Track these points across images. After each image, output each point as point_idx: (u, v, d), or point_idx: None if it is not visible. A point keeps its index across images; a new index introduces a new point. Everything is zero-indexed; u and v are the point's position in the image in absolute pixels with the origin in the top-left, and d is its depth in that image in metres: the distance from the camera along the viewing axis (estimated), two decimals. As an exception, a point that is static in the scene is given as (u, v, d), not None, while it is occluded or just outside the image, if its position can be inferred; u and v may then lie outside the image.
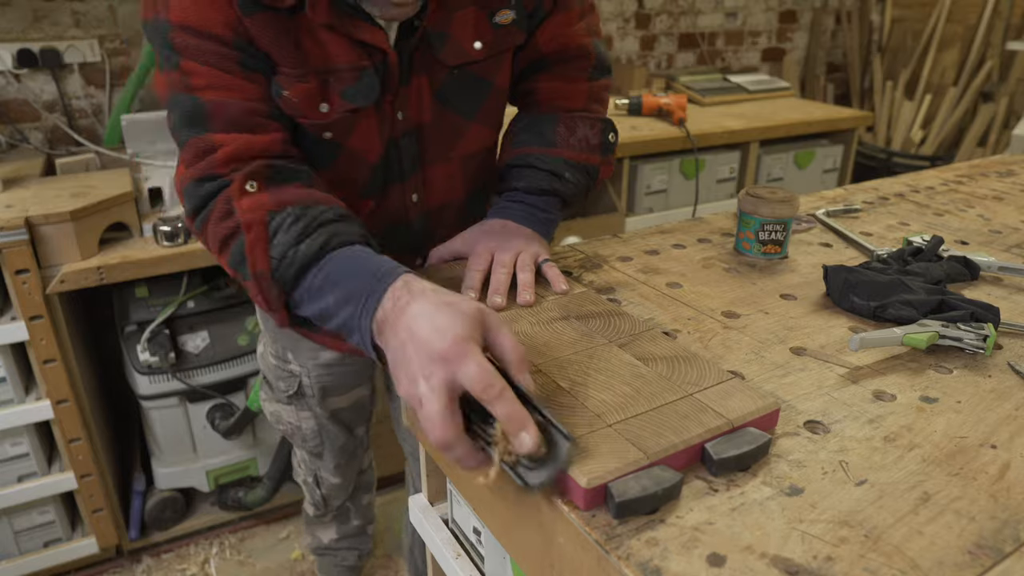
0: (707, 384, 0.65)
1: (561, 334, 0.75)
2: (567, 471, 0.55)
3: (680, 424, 0.60)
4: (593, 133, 1.03)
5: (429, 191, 1.02)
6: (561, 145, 1.01)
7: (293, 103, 0.84)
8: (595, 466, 0.54)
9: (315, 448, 1.37)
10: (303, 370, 1.23)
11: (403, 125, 0.94)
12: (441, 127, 0.98)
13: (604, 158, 1.05)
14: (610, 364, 0.69)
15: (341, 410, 1.33)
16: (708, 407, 0.62)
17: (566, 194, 1.01)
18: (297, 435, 1.34)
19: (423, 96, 0.94)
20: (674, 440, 0.58)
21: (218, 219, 0.79)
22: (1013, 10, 3.11)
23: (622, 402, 0.63)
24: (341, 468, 1.43)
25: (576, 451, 0.56)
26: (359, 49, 0.85)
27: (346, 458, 1.41)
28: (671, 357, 0.70)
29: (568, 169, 1.00)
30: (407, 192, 1.00)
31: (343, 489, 1.49)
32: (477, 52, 0.94)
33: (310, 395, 1.26)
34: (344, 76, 0.86)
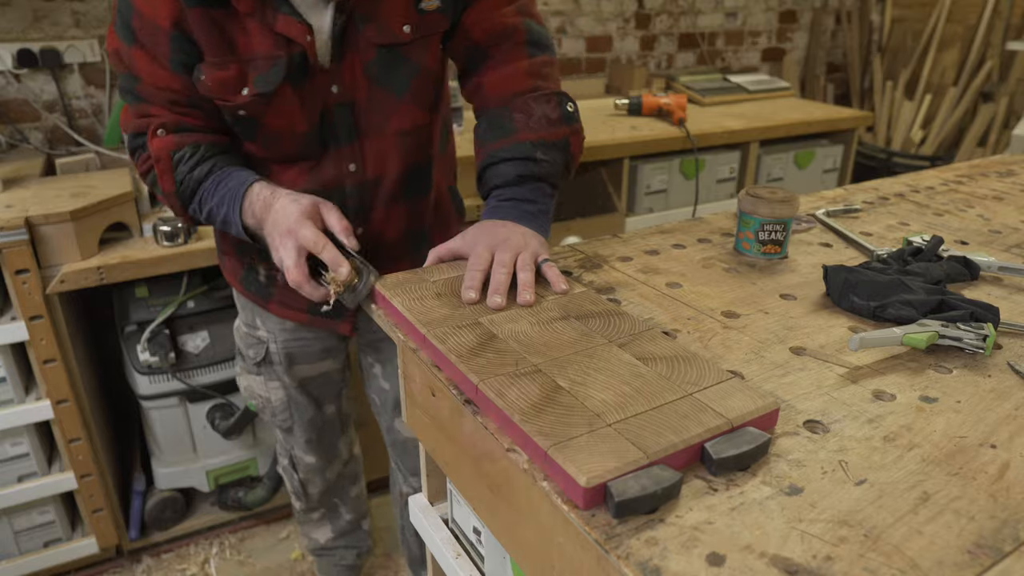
0: (707, 384, 0.65)
1: (561, 334, 0.75)
2: (370, 291, 0.87)
3: (680, 424, 0.60)
4: (551, 108, 1.05)
5: (366, 162, 1.10)
6: (523, 130, 1.03)
7: (208, 87, 0.98)
8: (594, 465, 0.54)
9: (284, 422, 1.42)
10: (270, 336, 1.32)
11: (337, 97, 1.04)
12: (373, 103, 1.06)
13: (571, 128, 1.06)
14: (610, 364, 0.69)
15: (308, 380, 1.38)
16: (708, 407, 0.62)
17: (543, 175, 1.02)
18: (267, 408, 1.41)
19: (356, 73, 1.03)
20: (674, 440, 0.58)
21: (142, 160, 1.06)
22: (1013, 10, 3.11)
23: (622, 402, 0.63)
24: (313, 444, 1.46)
25: (378, 278, 0.88)
26: (278, 40, 0.97)
27: (316, 433, 1.45)
28: (671, 357, 0.70)
29: (537, 149, 1.02)
30: (344, 160, 1.09)
31: (319, 472, 1.51)
32: (405, 35, 1.02)
33: (277, 362, 1.34)
34: (259, 64, 0.98)
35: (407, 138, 1.12)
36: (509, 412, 0.62)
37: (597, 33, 2.79)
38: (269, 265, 1.21)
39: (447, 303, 0.81)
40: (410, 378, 0.85)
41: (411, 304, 0.81)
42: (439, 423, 0.79)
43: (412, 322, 0.78)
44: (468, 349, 0.71)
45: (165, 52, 0.97)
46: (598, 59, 2.83)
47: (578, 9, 2.72)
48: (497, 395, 0.64)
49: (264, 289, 1.26)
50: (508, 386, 0.65)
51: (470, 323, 0.77)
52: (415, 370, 0.82)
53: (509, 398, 0.63)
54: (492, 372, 0.68)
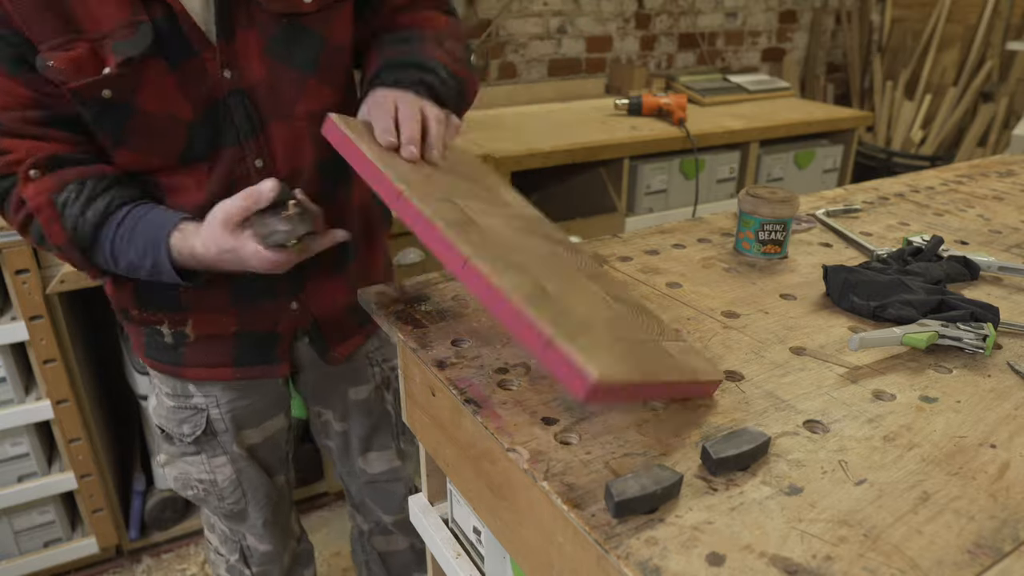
0: (667, 339, 0.66)
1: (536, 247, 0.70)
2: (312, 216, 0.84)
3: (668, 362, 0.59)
4: (459, 48, 1.01)
5: (275, 155, 0.96)
6: (433, 49, 0.97)
7: (60, 71, 0.82)
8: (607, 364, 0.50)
9: (235, 505, 1.20)
10: (210, 400, 1.12)
11: (230, 83, 0.90)
12: (277, 84, 0.93)
13: (471, 74, 1.02)
14: (585, 291, 0.65)
15: (256, 447, 1.19)
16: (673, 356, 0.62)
17: (441, 92, 0.94)
18: (213, 494, 1.18)
19: (251, 51, 0.90)
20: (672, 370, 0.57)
21: (14, 210, 0.90)
22: (1013, 10, 3.11)
23: (606, 325, 0.60)
24: (269, 526, 1.25)
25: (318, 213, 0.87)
26: (131, 4, 0.83)
27: (272, 511, 1.24)
28: (633, 304, 0.70)
29: (443, 69, 0.95)
30: (247, 157, 0.95)
31: (276, 559, 1.29)
32: (307, 4, 0.91)
33: (222, 431, 1.14)
34: (119, 35, 0.83)
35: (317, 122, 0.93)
36: (507, 293, 0.55)
37: (597, 33, 2.80)
38: (174, 320, 1.04)
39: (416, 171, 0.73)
40: (410, 378, 0.85)
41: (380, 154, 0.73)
42: (439, 423, 0.79)
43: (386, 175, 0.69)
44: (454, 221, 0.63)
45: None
46: (598, 59, 2.84)
47: (578, 9, 2.72)
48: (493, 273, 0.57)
49: (173, 352, 1.07)
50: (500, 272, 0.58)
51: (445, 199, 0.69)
52: (415, 370, 0.82)
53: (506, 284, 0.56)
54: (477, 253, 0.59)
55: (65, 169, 0.88)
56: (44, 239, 0.90)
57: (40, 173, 0.86)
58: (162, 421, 1.15)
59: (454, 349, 0.76)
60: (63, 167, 0.88)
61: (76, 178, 0.88)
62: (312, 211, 0.88)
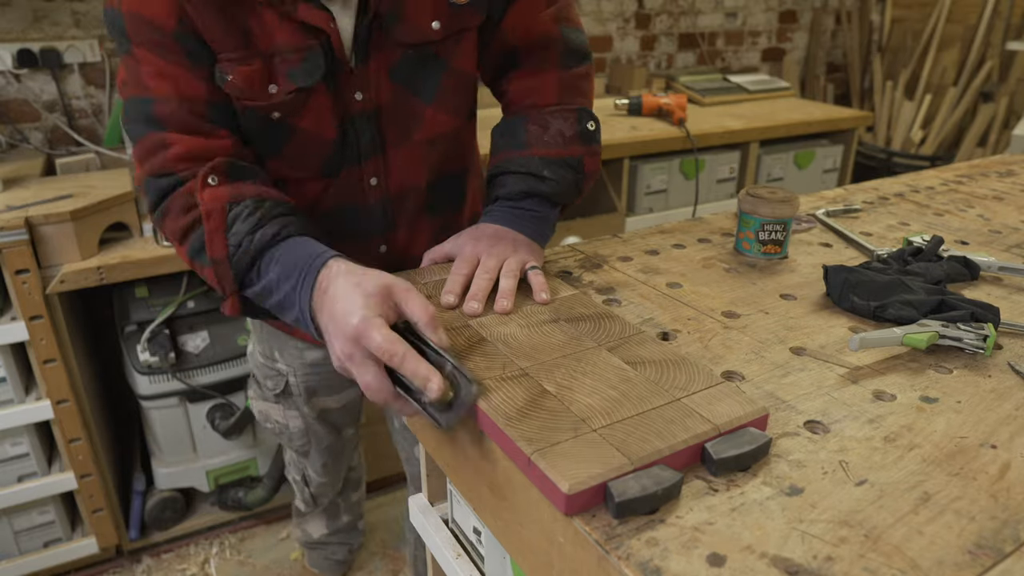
0: (696, 388, 0.65)
1: (550, 337, 0.75)
2: (471, 408, 0.64)
3: (666, 429, 0.59)
4: (567, 125, 1.00)
5: (390, 175, 1.01)
6: (535, 144, 0.98)
7: (238, 86, 0.86)
8: (578, 471, 0.54)
9: (302, 447, 1.37)
10: (290, 369, 1.23)
11: (360, 106, 0.94)
12: (399, 109, 0.97)
13: (587, 148, 1.00)
14: (598, 368, 0.69)
15: (330, 411, 1.33)
16: (695, 412, 0.62)
17: (549, 193, 0.97)
18: (284, 434, 1.35)
19: (381, 76, 0.93)
20: (659, 445, 0.57)
21: (179, 213, 0.85)
22: (1013, 10, 3.11)
23: (608, 407, 0.62)
24: (328, 467, 1.44)
25: (481, 392, 0.65)
26: (303, 30, 0.86)
27: (333, 458, 1.43)
28: (660, 361, 0.70)
29: (546, 167, 0.97)
30: (365, 175, 0.99)
31: (331, 487, 1.51)
32: (435, 32, 0.93)
33: (297, 394, 1.27)
34: (290, 57, 0.87)
35: (435, 146, 1.03)
36: (493, 417, 0.62)
37: (597, 33, 2.79)
38: None
39: (437, 305, 0.81)
40: (410, 378, 0.85)
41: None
42: (439, 423, 0.79)
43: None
44: (455, 352, 0.71)
45: (175, 50, 0.84)
46: (598, 59, 2.83)
47: (578, 9, 2.72)
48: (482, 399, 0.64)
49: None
50: (494, 390, 0.65)
51: (459, 325, 0.77)
52: (415, 370, 0.82)
53: (494, 402, 0.63)
54: (479, 376, 0.67)
55: (245, 183, 0.86)
56: (202, 250, 0.84)
57: (219, 180, 0.84)
58: (255, 370, 1.30)
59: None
60: (243, 179, 0.86)
61: (255, 196, 0.85)
62: (466, 388, 0.65)
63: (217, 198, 0.83)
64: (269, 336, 1.23)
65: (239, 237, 0.82)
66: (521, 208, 0.97)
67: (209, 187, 0.83)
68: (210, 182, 0.84)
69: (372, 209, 1.03)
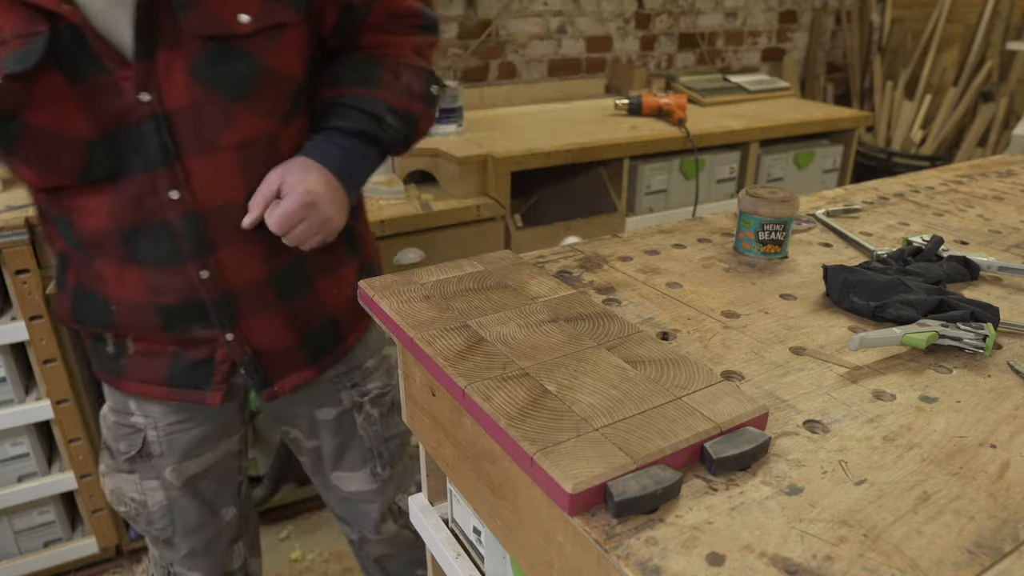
0: (696, 387, 0.65)
1: (550, 336, 0.75)
2: None
3: (668, 428, 0.59)
4: (417, 82, 1.02)
5: (193, 187, 0.91)
6: (384, 89, 0.98)
7: None
8: (580, 471, 0.54)
9: (163, 531, 1.15)
10: (148, 421, 1.09)
11: (148, 107, 0.85)
12: (202, 110, 0.88)
13: (426, 109, 1.04)
14: (598, 367, 0.69)
15: (199, 478, 1.14)
16: (696, 410, 0.62)
17: (386, 140, 1.00)
18: (142, 515, 1.14)
19: (174, 73, 0.85)
20: (661, 444, 0.57)
21: None
22: (1013, 10, 3.12)
23: (609, 406, 0.62)
24: (198, 557, 1.20)
25: None
26: (30, 14, 0.78)
27: (203, 544, 1.19)
28: (660, 360, 0.70)
29: (389, 114, 0.98)
30: (160, 187, 0.90)
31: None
32: (242, 26, 0.87)
33: (158, 454, 1.10)
34: (11, 44, 0.78)
35: (250, 153, 0.93)
36: (495, 417, 0.62)
37: (597, 33, 2.80)
38: (116, 332, 1.02)
39: (436, 305, 0.81)
40: (410, 378, 0.85)
41: (399, 306, 0.81)
42: (439, 423, 0.79)
43: (400, 325, 0.78)
44: (456, 352, 0.71)
45: None
46: (598, 59, 2.84)
47: (578, 9, 2.72)
48: (484, 399, 0.64)
49: (114, 362, 1.05)
50: (495, 390, 0.65)
51: (458, 326, 0.77)
52: (415, 370, 0.83)
53: (496, 403, 0.63)
54: (479, 376, 0.67)
55: None
56: None
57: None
58: (105, 432, 1.13)
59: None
60: None
61: None
62: None
63: None
64: (113, 388, 1.09)
65: None
66: (351, 153, 0.98)
67: None
68: None
69: (177, 227, 0.93)
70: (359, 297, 0.87)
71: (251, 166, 0.94)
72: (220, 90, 0.88)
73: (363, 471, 1.26)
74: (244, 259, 0.98)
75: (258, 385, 1.08)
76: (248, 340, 1.04)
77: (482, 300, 0.82)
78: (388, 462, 1.26)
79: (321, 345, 1.10)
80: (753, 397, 0.66)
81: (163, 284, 0.94)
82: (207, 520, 1.18)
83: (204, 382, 1.05)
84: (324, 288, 1.09)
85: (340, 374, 1.18)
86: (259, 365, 1.07)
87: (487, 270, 0.90)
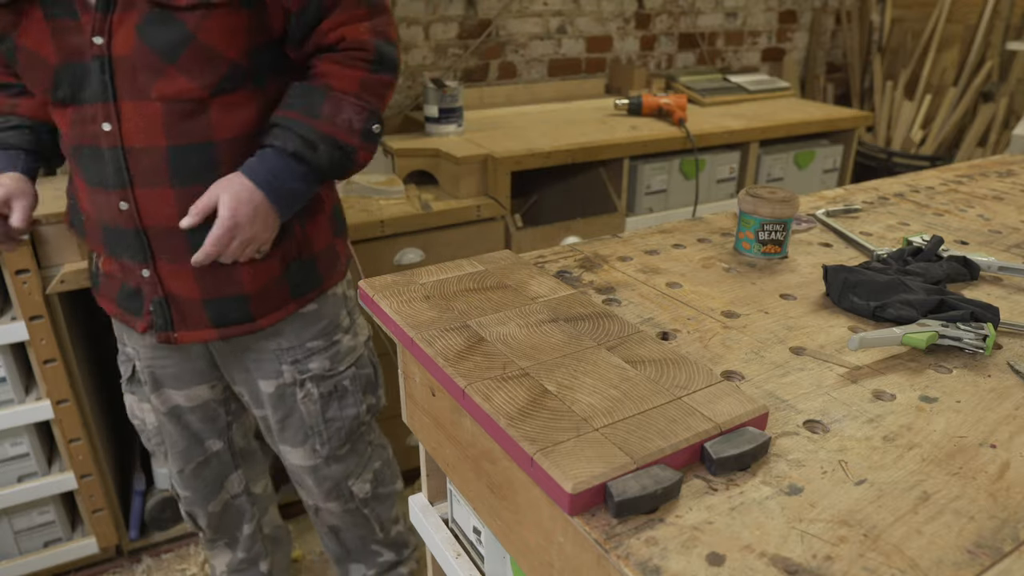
0: (696, 387, 0.65)
1: (550, 336, 0.75)
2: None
3: (668, 428, 0.59)
4: (358, 119, 1.11)
5: (123, 125, 1.07)
6: (323, 120, 1.09)
7: None
8: (581, 471, 0.54)
9: (156, 447, 1.38)
10: (135, 352, 1.30)
11: (97, 50, 1.03)
12: (139, 62, 1.04)
13: (363, 143, 1.13)
14: (598, 367, 0.69)
15: (182, 410, 1.34)
16: (696, 410, 0.62)
17: (317, 165, 1.10)
18: (144, 432, 1.38)
19: (123, 27, 1.02)
20: (661, 444, 0.57)
21: None
22: (1013, 10, 3.11)
23: (609, 406, 0.62)
24: (186, 477, 1.39)
25: None
26: None
27: (191, 467, 1.39)
28: (660, 360, 0.70)
29: (323, 142, 1.09)
30: (98, 118, 1.07)
31: (198, 505, 1.44)
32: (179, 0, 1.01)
33: (143, 382, 1.31)
34: None
35: (174, 108, 1.06)
36: (495, 417, 0.62)
37: (597, 33, 2.80)
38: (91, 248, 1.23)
39: (436, 306, 0.81)
40: (410, 378, 0.85)
41: (399, 307, 0.81)
42: (439, 423, 0.79)
43: (400, 325, 0.78)
44: (456, 352, 0.71)
45: None
46: (598, 59, 2.84)
47: (578, 9, 2.72)
48: (484, 399, 0.64)
49: (95, 279, 1.26)
50: (495, 390, 0.65)
51: (458, 326, 0.77)
52: (415, 369, 0.83)
53: (496, 403, 0.63)
54: (479, 376, 0.67)
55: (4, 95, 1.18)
56: None
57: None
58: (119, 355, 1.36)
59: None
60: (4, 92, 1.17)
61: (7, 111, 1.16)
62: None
63: None
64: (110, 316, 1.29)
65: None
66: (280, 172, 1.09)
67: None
68: None
69: (107, 157, 1.08)
70: (359, 297, 0.87)
71: (174, 120, 1.07)
72: (154, 49, 1.03)
73: (303, 447, 1.37)
74: (158, 202, 1.11)
75: (160, 326, 1.21)
76: (161, 281, 1.17)
77: (482, 300, 0.82)
78: (328, 442, 1.37)
79: (227, 314, 1.21)
80: (753, 397, 0.66)
81: (98, 203, 1.12)
82: (192, 446, 1.38)
83: (136, 310, 1.21)
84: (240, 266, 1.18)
85: (283, 349, 1.29)
86: (167, 307, 1.19)
87: (487, 270, 0.90)
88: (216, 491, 1.45)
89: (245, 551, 1.55)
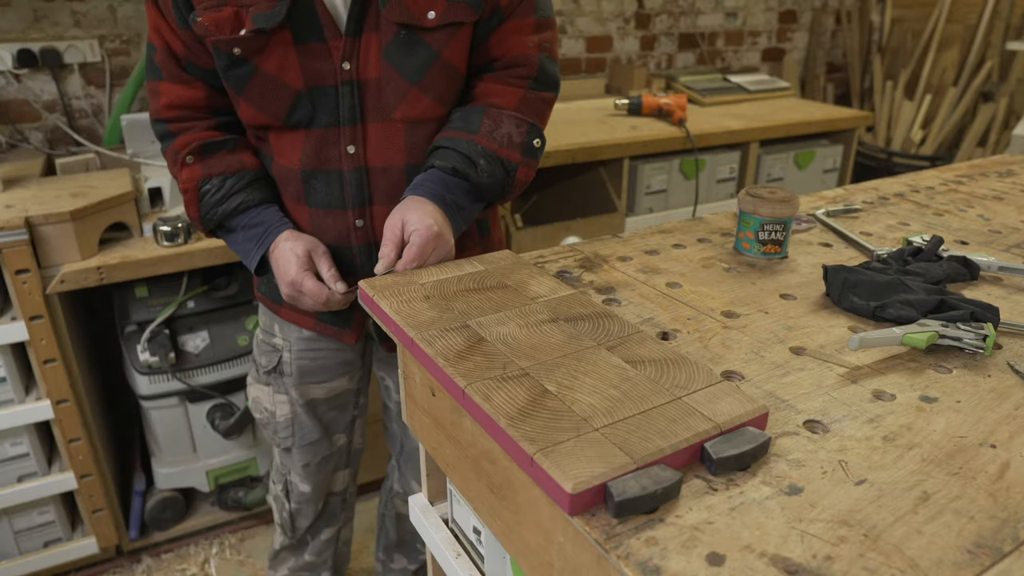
0: (696, 387, 0.65)
1: (550, 336, 0.75)
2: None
3: (668, 428, 0.59)
4: (518, 132, 1.08)
5: (368, 147, 1.08)
6: (483, 135, 1.06)
7: (204, 26, 1.00)
8: (581, 471, 0.54)
9: (285, 440, 1.37)
10: (285, 344, 1.29)
11: (347, 75, 1.03)
12: (385, 85, 1.05)
13: (524, 159, 1.09)
14: (598, 367, 0.69)
15: (318, 402, 1.34)
16: (696, 410, 0.62)
17: (478, 182, 1.06)
18: (271, 424, 1.37)
19: (371, 51, 1.03)
20: (661, 444, 0.57)
21: (171, 165, 1.13)
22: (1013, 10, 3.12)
23: (609, 406, 0.62)
24: (311, 471, 1.40)
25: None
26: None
27: (317, 460, 1.39)
28: (660, 360, 0.70)
29: (483, 157, 1.05)
30: (343, 140, 1.07)
31: (311, 503, 1.45)
32: (429, 21, 1.01)
33: (288, 373, 1.30)
34: (261, 6, 0.99)
35: (415, 128, 1.09)
36: (495, 417, 0.62)
37: (597, 33, 2.80)
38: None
39: (436, 306, 0.81)
40: (410, 378, 0.85)
41: (399, 307, 0.81)
42: (439, 423, 0.79)
43: (400, 325, 0.78)
44: (456, 352, 0.71)
45: (165, 4, 1.03)
46: (598, 59, 2.84)
47: (578, 9, 2.72)
48: (484, 399, 0.64)
49: (277, 292, 1.24)
50: (495, 390, 0.65)
51: (458, 326, 0.77)
52: (415, 370, 0.83)
53: (496, 402, 0.63)
54: (479, 376, 0.67)
55: (214, 159, 1.10)
56: (184, 200, 1.12)
57: (194, 159, 1.08)
58: (255, 349, 1.35)
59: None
60: (216, 153, 1.10)
61: (221, 173, 1.09)
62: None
63: (191, 177, 1.09)
64: (268, 310, 1.29)
65: (207, 208, 1.10)
66: (446, 189, 1.06)
67: (186, 166, 1.09)
68: (187, 161, 1.08)
69: (348, 178, 1.09)
70: (359, 297, 0.87)
71: (414, 141, 1.10)
72: (401, 71, 1.04)
73: None
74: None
75: (382, 336, 1.23)
76: None
77: (482, 300, 0.82)
78: None
79: None
80: (753, 397, 0.66)
81: (325, 225, 1.12)
82: (321, 439, 1.38)
83: (345, 323, 1.23)
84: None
85: None
86: None
87: (487, 270, 0.90)
88: (325, 488, 1.45)
89: (315, 555, 1.53)
